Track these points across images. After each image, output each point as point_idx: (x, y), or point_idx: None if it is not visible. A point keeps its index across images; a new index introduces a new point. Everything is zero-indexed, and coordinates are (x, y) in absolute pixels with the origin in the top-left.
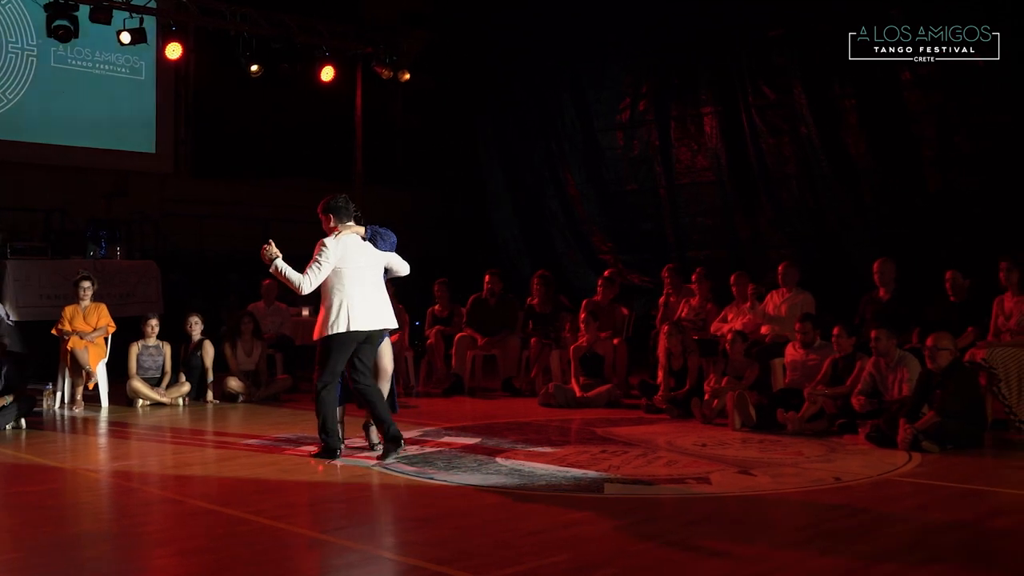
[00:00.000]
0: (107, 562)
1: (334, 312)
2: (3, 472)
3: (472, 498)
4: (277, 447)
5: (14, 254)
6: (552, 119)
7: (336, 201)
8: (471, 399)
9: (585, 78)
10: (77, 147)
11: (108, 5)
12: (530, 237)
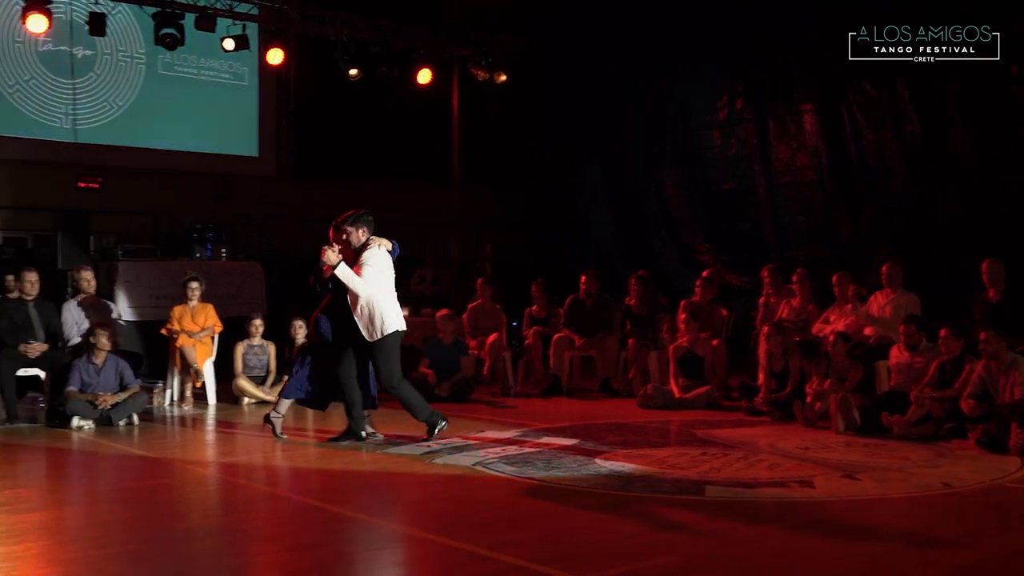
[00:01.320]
0: (216, 556)
1: (379, 315)
2: (117, 466)
3: (572, 499)
4: (377, 445)
5: (125, 256)
6: (648, 119)
7: (367, 215)
8: (569, 400)
9: (681, 77)
10: (183, 152)
11: (212, 13)
12: (626, 238)
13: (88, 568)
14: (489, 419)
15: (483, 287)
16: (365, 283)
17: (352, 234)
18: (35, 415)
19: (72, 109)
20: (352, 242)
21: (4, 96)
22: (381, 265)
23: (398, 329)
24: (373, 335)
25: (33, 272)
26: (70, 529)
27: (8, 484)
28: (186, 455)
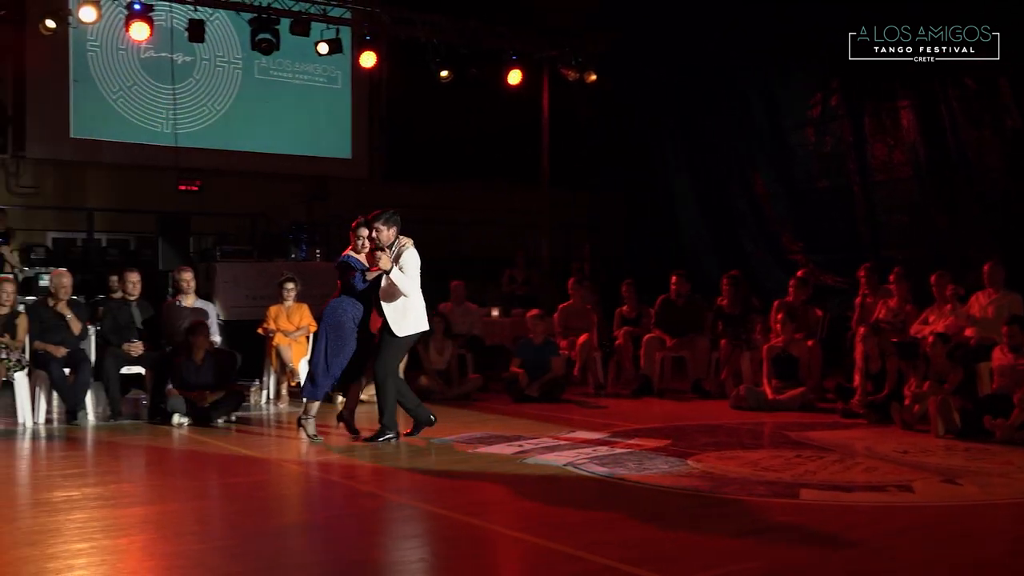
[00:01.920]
0: (311, 552)
1: (412, 313)
2: (216, 463)
3: (663, 500)
4: (468, 444)
5: (223, 257)
6: (739, 117)
7: (397, 215)
8: (660, 400)
9: (773, 74)
10: (279, 154)
11: (307, 18)
12: (717, 237)
13: (189, 561)
14: (580, 419)
15: (574, 287)
16: (411, 285)
17: (383, 232)
18: (137, 412)
19: (172, 114)
20: (382, 240)
21: (108, 102)
22: (417, 266)
23: (421, 330)
24: (401, 331)
25: (135, 273)
26: (171, 523)
27: (112, 479)
28: (282, 453)
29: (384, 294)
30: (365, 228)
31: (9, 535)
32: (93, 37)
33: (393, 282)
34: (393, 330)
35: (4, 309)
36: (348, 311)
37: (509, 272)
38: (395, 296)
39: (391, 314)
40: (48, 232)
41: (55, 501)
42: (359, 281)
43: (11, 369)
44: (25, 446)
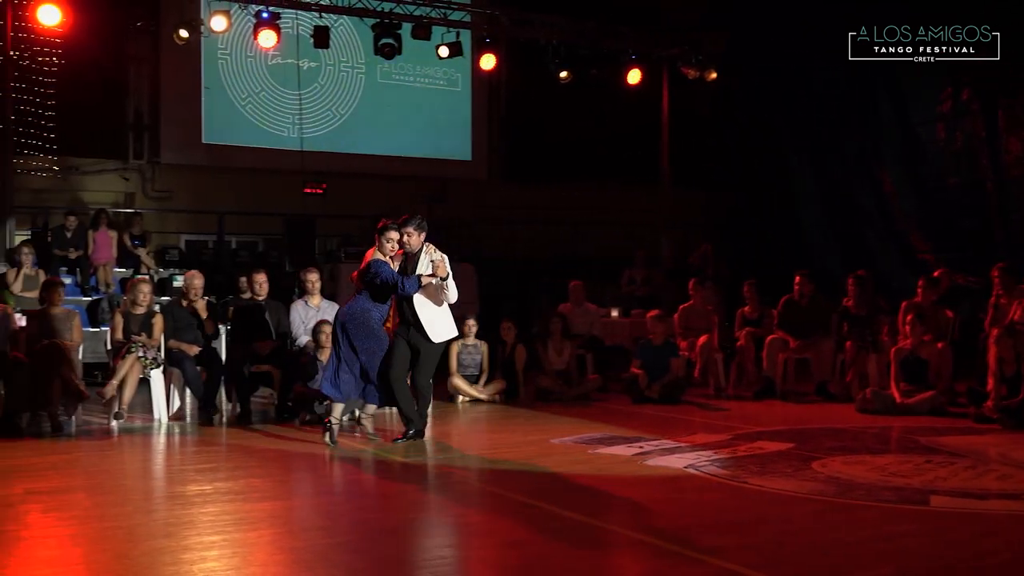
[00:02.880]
0: (432, 549)
1: (448, 319)
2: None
3: (787, 504)
4: (588, 445)
5: (347, 258)
6: (864, 114)
7: (425, 221)
8: (783, 403)
9: (899, 68)
10: (400, 156)
11: (428, 22)
12: (842, 237)
13: (315, 556)
14: (700, 421)
15: (695, 288)
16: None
17: (413, 237)
18: (266, 410)
19: (298, 119)
20: (413, 245)
21: (237, 108)
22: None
23: (453, 336)
24: (438, 336)
25: (263, 273)
26: (298, 519)
27: (242, 474)
28: (405, 451)
29: (425, 300)
30: (395, 232)
31: (146, 526)
32: (223, 46)
33: (445, 288)
34: (431, 337)
35: (141, 309)
36: (374, 312)
37: (628, 272)
38: (437, 302)
39: (428, 321)
40: (181, 234)
41: (189, 494)
42: (412, 285)
43: (147, 367)
44: (160, 441)
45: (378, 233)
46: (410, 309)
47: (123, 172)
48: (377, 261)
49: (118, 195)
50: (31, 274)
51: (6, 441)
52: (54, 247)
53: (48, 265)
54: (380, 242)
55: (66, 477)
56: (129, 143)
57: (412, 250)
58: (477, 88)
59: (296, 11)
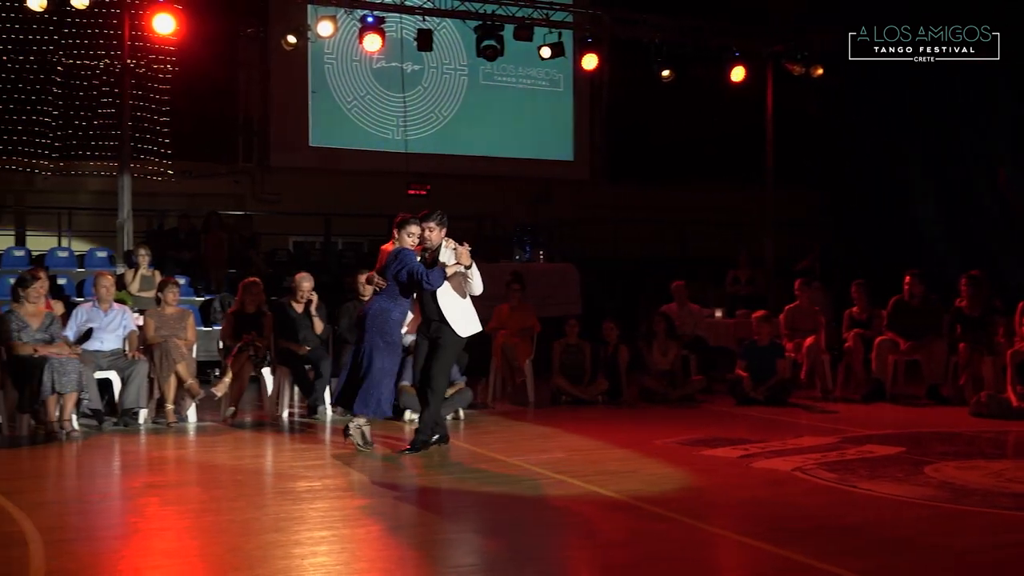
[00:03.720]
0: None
1: (464, 315)
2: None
3: (898, 510)
4: (692, 447)
5: None
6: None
7: (445, 217)
8: (893, 406)
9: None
10: (504, 158)
11: (530, 23)
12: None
13: (420, 552)
14: (807, 424)
15: (801, 288)
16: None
17: (434, 232)
18: None
19: (402, 121)
20: (434, 240)
21: (343, 111)
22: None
23: (477, 331)
24: (464, 331)
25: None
26: (403, 515)
27: (349, 471)
28: (508, 450)
29: (451, 293)
30: (417, 226)
31: (258, 521)
32: (329, 50)
33: (469, 277)
34: (456, 331)
35: (251, 309)
36: (395, 315)
37: (733, 273)
38: (462, 294)
39: (454, 316)
40: (289, 236)
41: (298, 490)
42: (437, 278)
43: (257, 365)
44: (270, 438)
45: (397, 227)
46: (434, 304)
47: (234, 175)
48: (405, 251)
49: (229, 198)
50: (147, 274)
51: (125, 436)
52: (169, 248)
53: (163, 266)
54: (400, 237)
55: (182, 472)
56: (239, 147)
57: (432, 245)
58: (579, 88)
59: (400, 15)
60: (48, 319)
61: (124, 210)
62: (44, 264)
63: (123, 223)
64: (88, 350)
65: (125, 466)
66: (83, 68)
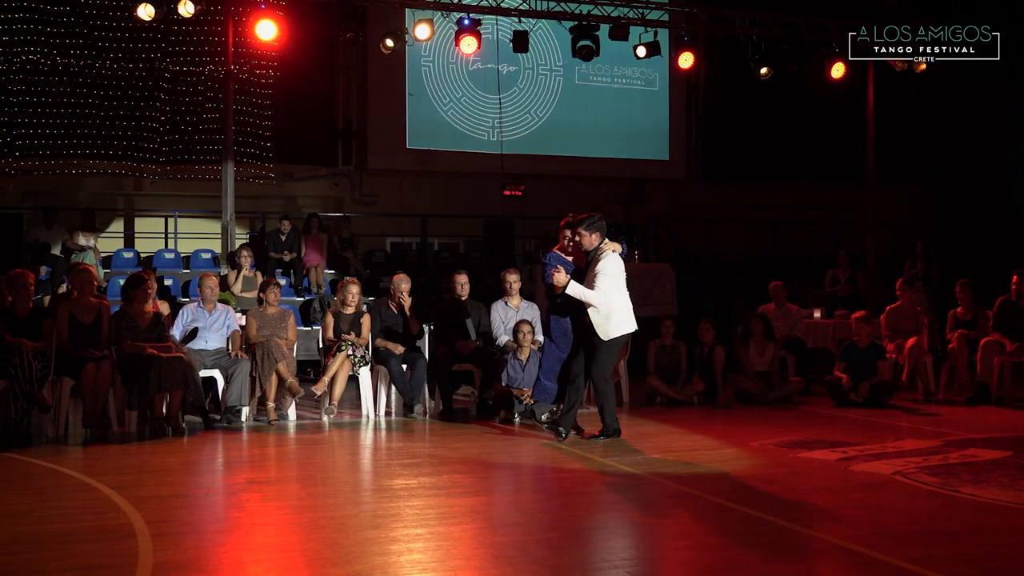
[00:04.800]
0: (628, 549)
1: (616, 316)
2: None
3: (1004, 516)
4: (789, 449)
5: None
6: None
7: (601, 220)
8: (998, 409)
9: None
10: (599, 158)
11: (626, 22)
12: None
13: (516, 551)
14: (908, 427)
15: (903, 288)
16: (599, 293)
17: (586, 238)
18: (467, 407)
19: (498, 122)
20: (585, 245)
21: (439, 113)
22: (615, 271)
23: (628, 331)
24: (609, 333)
25: (464, 275)
26: (499, 515)
27: (444, 470)
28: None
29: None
30: (570, 230)
31: (356, 518)
32: (426, 53)
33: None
34: (599, 334)
35: (350, 309)
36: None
37: (832, 272)
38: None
39: (595, 319)
40: (386, 237)
41: (395, 488)
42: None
43: (356, 364)
44: (367, 436)
45: (560, 228)
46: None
47: (333, 178)
48: (552, 253)
49: (328, 200)
50: (249, 275)
51: (229, 434)
52: (270, 250)
53: (264, 267)
54: (561, 236)
55: (282, 468)
56: (338, 150)
57: (586, 249)
58: (675, 87)
59: (496, 16)
60: (155, 319)
61: (227, 212)
62: (152, 265)
63: (227, 225)
64: (193, 349)
65: (228, 462)
66: (189, 75)
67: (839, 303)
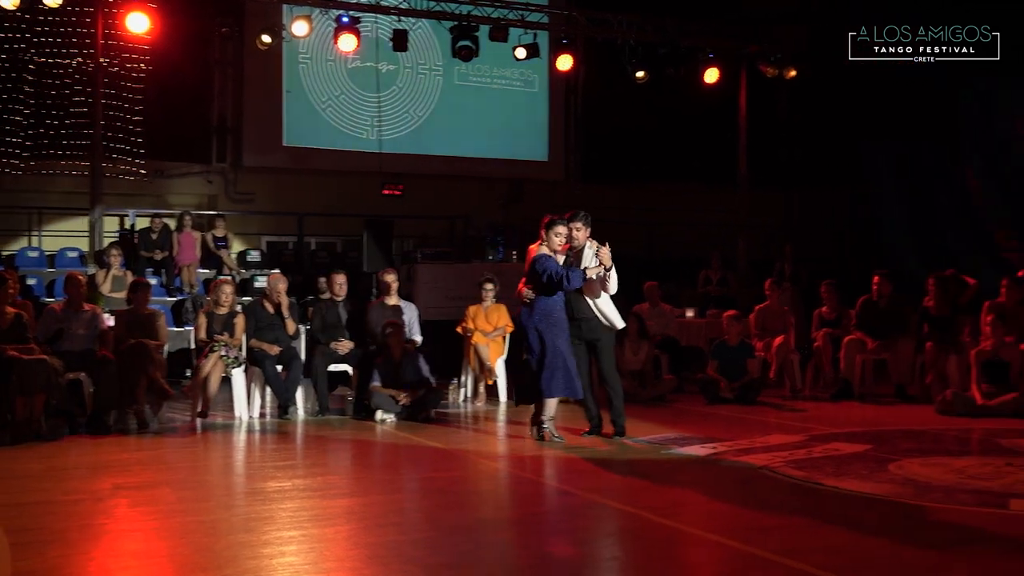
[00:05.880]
0: (507, 547)
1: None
2: (415, 458)
3: (863, 506)
4: (662, 445)
5: (424, 259)
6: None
7: (589, 216)
8: (860, 404)
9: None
10: (478, 158)
11: (505, 24)
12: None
13: (391, 552)
14: (776, 422)
15: (771, 288)
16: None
17: (581, 232)
18: (344, 408)
19: (377, 121)
20: (580, 240)
21: (317, 111)
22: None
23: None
24: (616, 326)
25: (342, 274)
26: (374, 515)
27: (319, 471)
28: (478, 449)
29: (590, 292)
30: (564, 227)
31: (227, 522)
32: (304, 50)
33: (607, 278)
34: (615, 323)
35: (224, 309)
36: (558, 302)
37: (704, 273)
38: (597, 294)
39: (609, 310)
40: (262, 236)
41: (268, 491)
42: (577, 279)
43: (229, 366)
44: (241, 438)
45: (545, 228)
46: (583, 304)
47: (206, 175)
48: (543, 255)
49: (201, 198)
50: (119, 275)
51: (95, 438)
52: (141, 248)
53: (135, 266)
54: (548, 237)
55: (152, 473)
56: (213, 147)
57: (579, 245)
58: (554, 89)
59: (375, 15)
60: (17, 320)
61: (96, 210)
62: (14, 264)
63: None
64: (58, 351)
65: (94, 467)
66: (55, 67)
67: (711, 303)
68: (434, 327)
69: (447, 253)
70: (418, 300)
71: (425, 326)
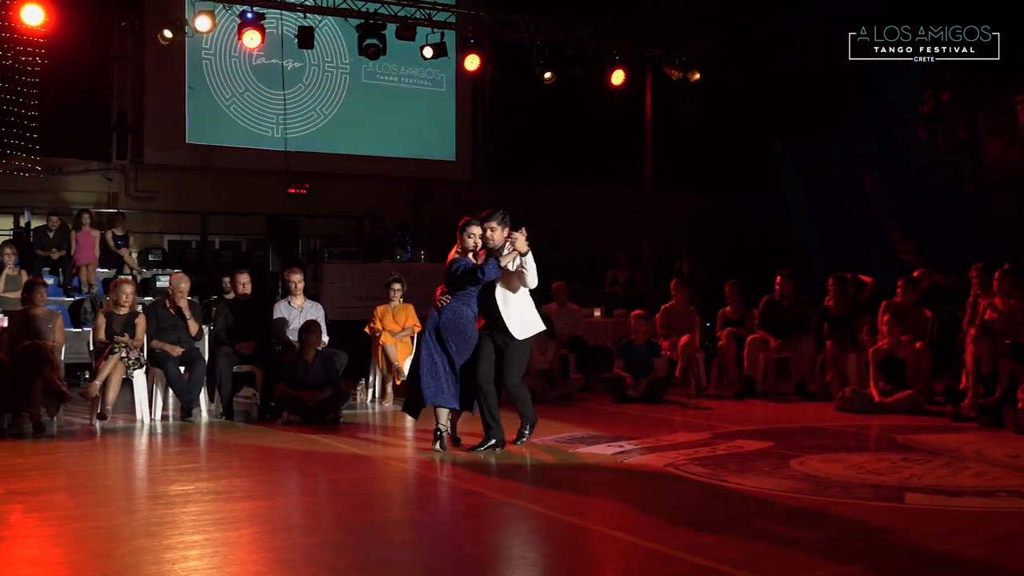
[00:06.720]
0: (416, 547)
1: (523, 316)
2: (323, 460)
3: (764, 502)
4: (569, 445)
5: (331, 258)
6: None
7: (507, 216)
8: (763, 402)
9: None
10: (385, 157)
11: (412, 23)
12: (824, 237)
13: (297, 555)
14: (681, 420)
15: (677, 288)
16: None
17: (497, 232)
18: (249, 409)
19: (282, 119)
20: (496, 240)
21: (221, 108)
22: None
23: (539, 330)
24: (525, 332)
25: (246, 274)
26: (280, 518)
27: (224, 474)
28: (387, 450)
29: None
30: (478, 227)
31: (128, 526)
32: (207, 46)
33: (525, 268)
34: (513, 333)
35: (124, 309)
36: (467, 311)
37: (611, 273)
38: (515, 288)
39: (512, 320)
40: (164, 235)
41: (171, 494)
42: (492, 269)
43: (130, 367)
44: (142, 441)
45: (459, 230)
46: (492, 305)
47: (106, 172)
48: (455, 259)
49: (101, 195)
50: (13, 274)
51: None
52: (36, 247)
53: (30, 265)
54: (462, 239)
55: (48, 477)
56: (112, 143)
57: (495, 245)
58: (461, 89)
59: (280, 11)
60: None
61: None
62: None
63: None
64: None
65: None
66: None
67: (618, 302)
68: (341, 327)
69: (354, 253)
70: (325, 300)
71: (332, 326)
